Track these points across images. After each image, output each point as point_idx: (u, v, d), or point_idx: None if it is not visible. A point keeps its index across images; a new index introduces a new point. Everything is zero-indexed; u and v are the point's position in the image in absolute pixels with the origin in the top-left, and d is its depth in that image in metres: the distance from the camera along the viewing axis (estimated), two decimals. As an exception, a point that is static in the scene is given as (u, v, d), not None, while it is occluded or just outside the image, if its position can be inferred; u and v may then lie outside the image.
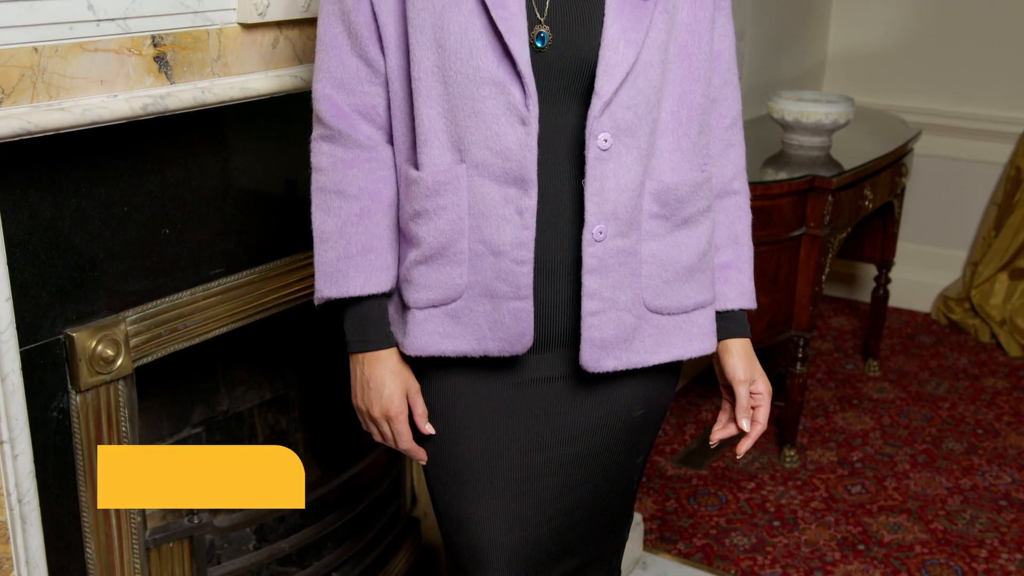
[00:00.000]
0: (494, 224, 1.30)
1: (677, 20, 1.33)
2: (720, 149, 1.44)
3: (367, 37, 1.35)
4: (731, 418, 1.48)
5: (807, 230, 2.93)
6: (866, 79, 4.30)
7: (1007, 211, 4.01)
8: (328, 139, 1.39)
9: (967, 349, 3.97)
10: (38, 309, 1.47)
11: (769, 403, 1.47)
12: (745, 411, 1.45)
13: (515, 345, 1.34)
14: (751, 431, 1.46)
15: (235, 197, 1.75)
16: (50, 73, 1.37)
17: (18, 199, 1.41)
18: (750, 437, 1.46)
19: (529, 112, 1.27)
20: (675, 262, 1.37)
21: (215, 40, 1.60)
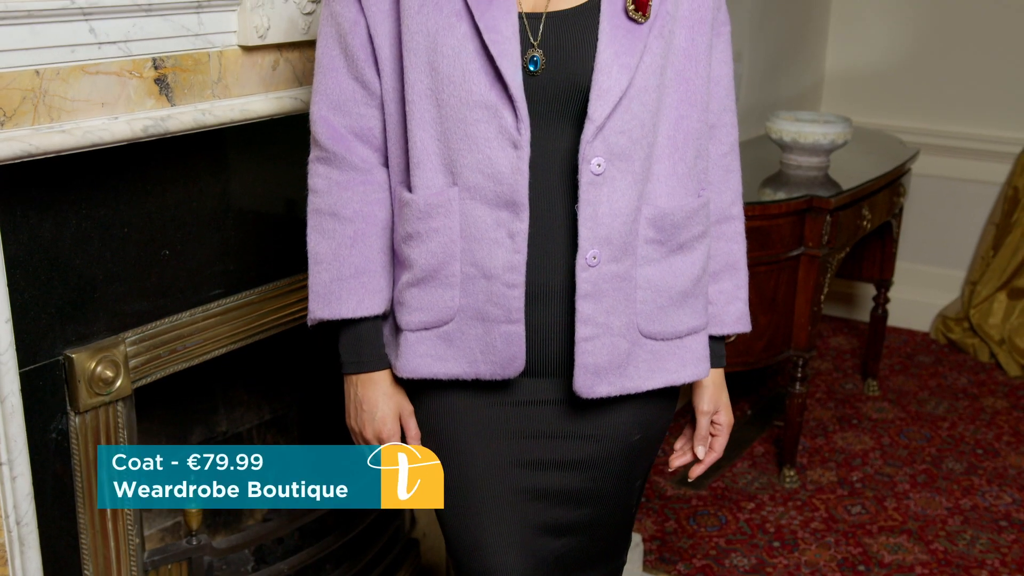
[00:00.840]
0: (486, 247, 1.30)
1: (674, 45, 1.33)
2: (719, 175, 1.45)
3: (363, 60, 1.36)
4: (689, 443, 1.52)
5: (806, 250, 2.94)
6: (863, 99, 4.31)
7: (1005, 230, 4.02)
8: (324, 161, 1.40)
9: (966, 368, 3.97)
10: (38, 330, 1.47)
11: (728, 434, 1.51)
12: (703, 440, 1.50)
13: (506, 369, 1.34)
14: (705, 459, 1.51)
15: (235, 218, 1.75)
16: (51, 95, 1.38)
17: (18, 220, 1.42)
18: (704, 464, 1.51)
19: (521, 136, 1.27)
20: (670, 287, 1.37)
21: (216, 62, 1.61)
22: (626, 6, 1.28)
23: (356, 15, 1.35)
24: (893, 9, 4.19)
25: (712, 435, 1.50)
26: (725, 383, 1.51)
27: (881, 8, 4.22)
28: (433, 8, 1.28)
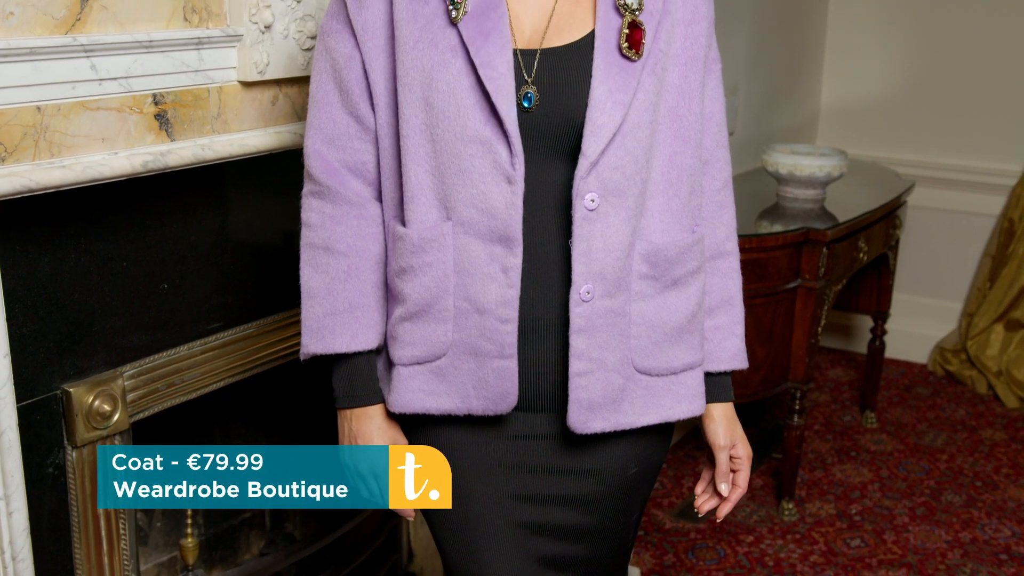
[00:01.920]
0: (479, 282, 1.31)
1: (667, 81, 1.34)
2: (712, 211, 1.46)
3: (358, 95, 1.37)
4: (711, 484, 1.50)
5: (802, 282, 2.95)
6: (859, 132, 4.34)
7: (1001, 262, 4.03)
8: (318, 195, 1.41)
9: (964, 400, 3.97)
10: (36, 365, 1.47)
11: (749, 467, 1.48)
12: (724, 476, 1.47)
13: (499, 404, 1.34)
14: (730, 495, 1.48)
15: (233, 252, 1.76)
16: (52, 131, 1.39)
17: (18, 255, 1.42)
18: (729, 501, 1.48)
19: (515, 171, 1.28)
20: (664, 323, 1.37)
21: (215, 98, 1.62)
22: (620, 44, 1.29)
23: (351, 50, 1.36)
24: (888, 42, 4.23)
25: (733, 470, 1.48)
26: (736, 416, 1.50)
27: (876, 41, 4.25)
28: (428, 44, 1.30)
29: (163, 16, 1.53)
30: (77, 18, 1.41)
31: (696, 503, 1.51)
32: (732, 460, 1.47)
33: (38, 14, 1.36)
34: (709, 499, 1.50)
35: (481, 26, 1.28)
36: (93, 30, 1.43)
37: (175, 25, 1.54)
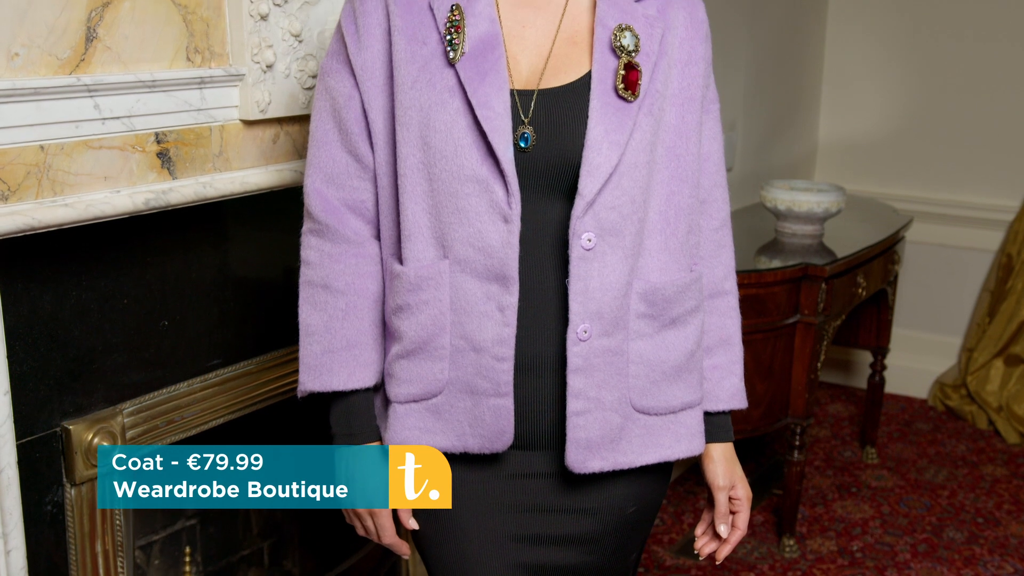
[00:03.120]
0: (475, 320, 1.31)
1: (664, 121, 1.36)
2: (711, 250, 1.46)
3: (357, 134, 1.38)
4: (710, 526, 1.49)
5: (801, 318, 2.95)
6: (857, 168, 4.36)
7: (1000, 297, 4.03)
8: (317, 233, 1.41)
9: (965, 436, 3.96)
10: (36, 402, 1.47)
11: (748, 508, 1.48)
12: (724, 517, 1.47)
13: (495, 443, 1.34)
14: (729, 537, 1.47)
15: (234, 288, 1.76)
16: (55, 170, 1.40)
17: (19, 292, 1.43)
18: (728, 543, 1.48)
19: (511, 210, 1.29)
20: (663, 362, 1.37)
21: (217, 136, 1.64)
22: (616, 84, 1.30)
23: (351, 90, 1.37)
24: (885, 78, 4.26)
25: (732, 511, 1.47)
26: (736, 457, 1.50)
27: (873, 77, 4.29)
28: (426, 84, 1.31)
29: (166, 56, 1.54)
30: (81, 58, 1.42)
31: (696, 545, 1.51)
32: (731, 501, 1.47)
33: (43, 54, 1.38)
34: (709, 541, 1.49)
35: (479, 67, 1.30)
36: (97, 70, 1.44)
37: (178, 65, 1.56)
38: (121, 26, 1.46)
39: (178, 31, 1.55)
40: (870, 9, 4.24)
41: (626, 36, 1.32)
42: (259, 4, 1.62)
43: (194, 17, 1.57)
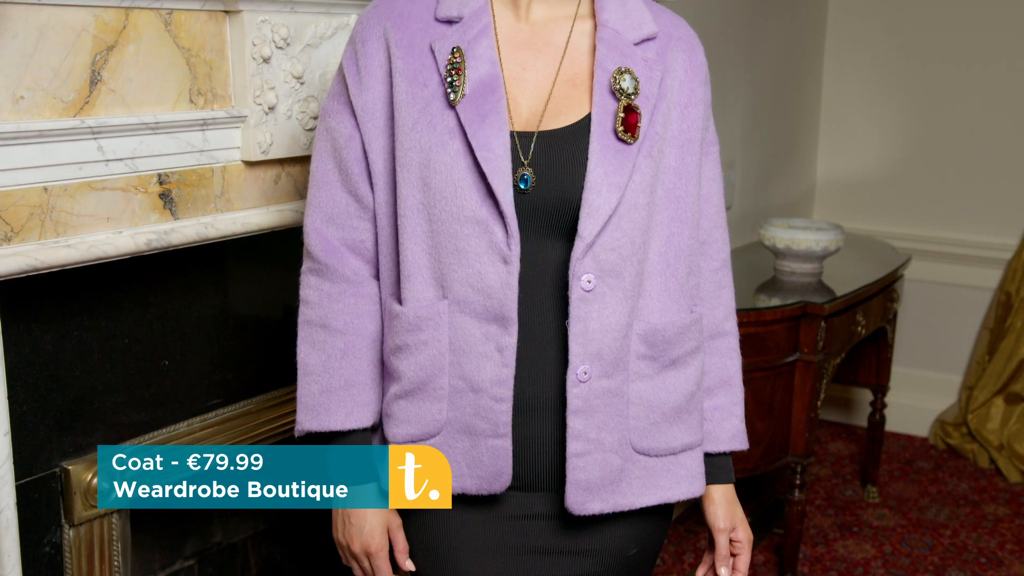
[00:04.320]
0: (474, 361, 1.31)
1: (664, 163, 1.37)
2: (711, 291, 1.47)
3: (357, 174, 1.39)
4: (711, 569, 1.48)
5: (801, 356, 2.95)
6: (855, 206, 4.38)
7: (999, 335, 4.03)
8: (316, 272, 1.42)
9: (966, 474, 3.94)
10: (35, 442, 1.47)
11: (749, 551, 1.47)
12: (724, 560, 1.46)
13: (493, 484, 1.34)
14: None
15: (234, 328, 1.77)
16: (58, 211, 1.41)
17: (21, 333, 1.44)
18: None
19: (511, 251, 1.29)
20: (663, 403, 1.37)
21: (219, 177, 1.65)
22: (615, 127, 1.31)
23: (351, 131, 1.38)
24: (883, 117, 4.29)
25: (733, 554, 1.46)
26: (737, 498, 1.49)
27: (871, 116, 4.32)
28: (427, 125, 1.32)
29: (169, 98, 1.56)
30: (86, 101, 1.44)
31: None
32: (732, 544, 1.46)
33: (48, 97, 1.39)
34: None
35: (479, 108, 1.31)
36: (101, 112, 1.46)
37: (181, 107, 1.57)
38: (125, 69, 1.48)
39: (181, 74, 1.56)
40: (866, 48, 4.28)
41: (626, 79, 1.33)
42: (261, 47, 1.64)
43: (197, 60, 1.58)
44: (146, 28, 1.50)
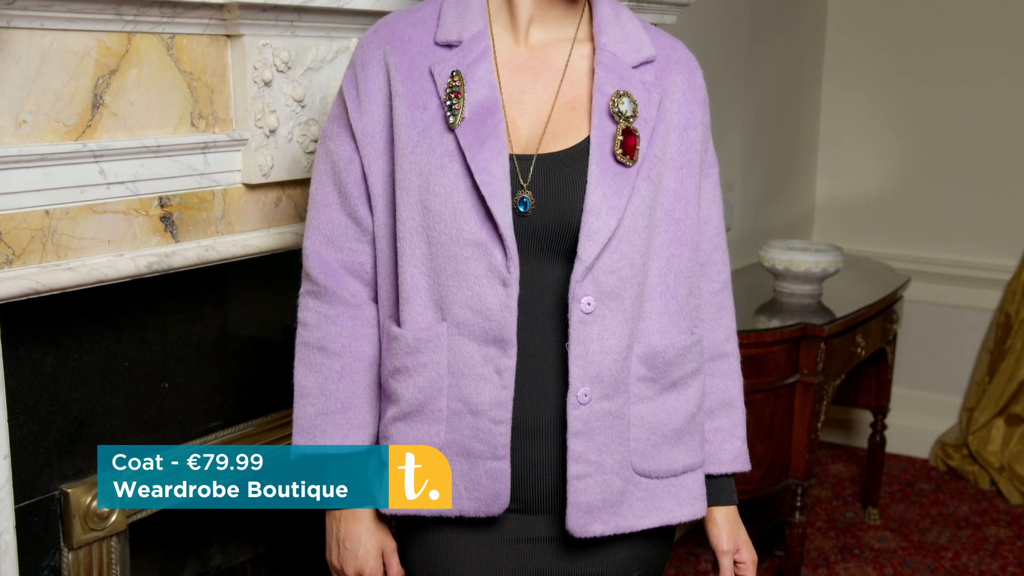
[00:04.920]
0: (473, 383, 1.32)
1: (663, 186, 1.37)
2: (711, 313, 1.47)
3: (356, 196, 1.40)
4: None
5: (801, 377, 2.95)
6: (854, 227, 4.39)
7: (999, 357, 4.03)
8: (314, 295, 1.43)
9: (967, 496, 3.93)
10: (35, 465, 1.47)
11: (754, 572, 1.48)
12: None
13: (491, 506, 1.33)
14: None
15: (234, 350, 1.77)
16: (59, 234, 1.42)
17: (22, 356, 1.44)
18: None
19: (510, 274, 1.30)
20: (664, 425, 1.37)
21: (220, 200, 1.65)
22: (614, 150, 1.32)
23: (351, 154, 1.39)
24: (881, 138, 4.31)
25: (738, 575, 1.47)
26: (740, 520, 1.49)
27: (869, 137, 4.33)
28: (426, 149, 1.33)
29: (171, 122, 1.56)
30: (88, 124, 1.44)
31: None
32: (737, 565, 1.46)
33: (50, 121, 1.40)
34: None
35: (478, 132, 1.32)
36: (103, 136, 1.46)
37: (182, 130, 1.58)
38: (127, 93, 1.49)
39: (183, 97, 1.57)
40: (865, 70, 4.30)
41: (624, 102, 1.34)
42: (263, 71, 1.65)
43: (199, 84, 1.59)
44: (148, 52, 1.51)
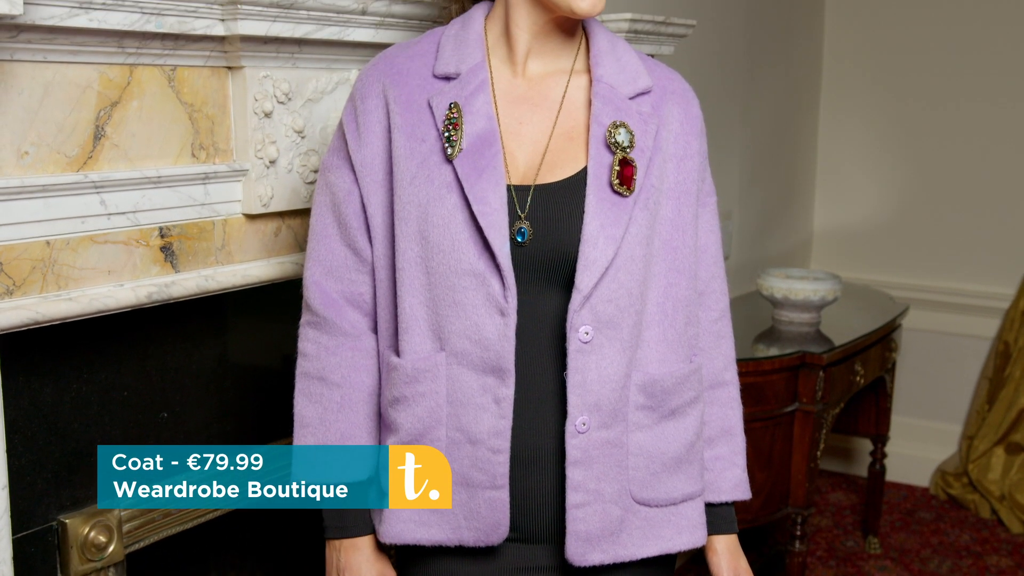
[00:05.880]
0: (471, 413, 1.32)
1: (660, 215, 1.38)
2: (710, 341, 1.48)
3: (356, 228, 1.41)
4: None
5: (800, 406, 2.95)
6: (852, 256, 4.40)
7: (998, 385, 4.03)
8: (314, 326, 1.43)
9: (968, 525, 3.92)
10: (33, 495, 1.47)
11: None
12: None
13: (490, 535, 1.33)
14: None
15: (233, 379, 1.77)
16: (60, 265, 1.42)
17: (21, 386, 1.44)
18: None
19: (508, 303, 1.30)
20: (662, 453, 1.38)
21: (220, 230, 1.66)
22: (611, 180, 1.33)
23: (350, 185, 1.40)
24: (879, 167, 4.33)
25: None
26: (740, 548, 1.49)
27: (867, 166, 4.35)
28: (425, 180, 1.34)
29: (172, 152, 1.58)
30: (89, 156, 1.45)
31: None
32: None
33: (52, 152, 1.41)
34: None
35: (476, 163, 1.33)
36: (104, 167, 1.47)
37: (183, 161, 1.59)
38: (129, 124, 1.50)
39: (184, 128, 1.58)
40: (862, 99, 4.33)
41: (621, 132, 1.35)
42: (263, 102, 1.66)
43: (200, 115, 1.61)
44: (150, 84, 1.52)
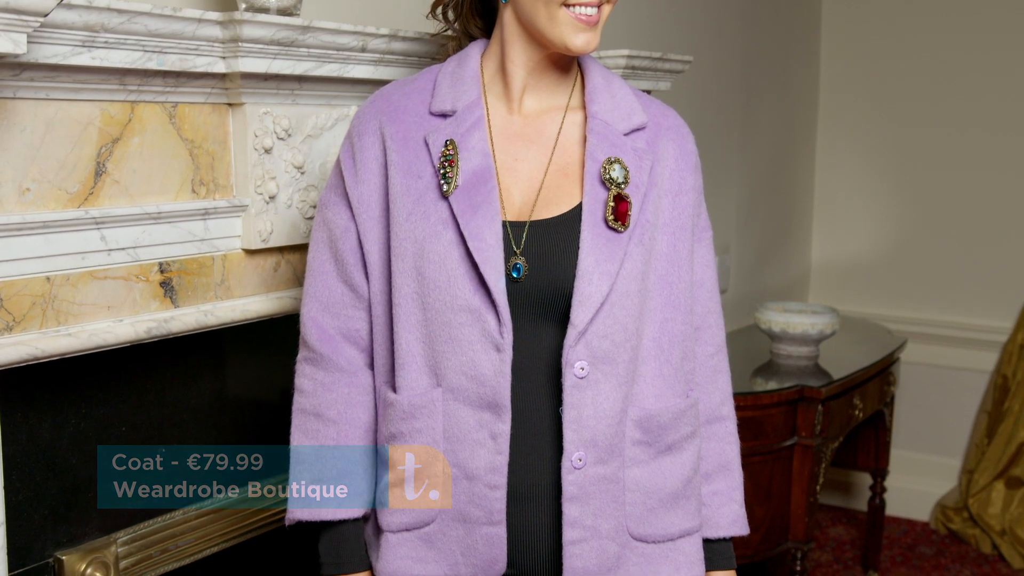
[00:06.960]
0: (468, 448, 1.32)
1: (656, 250, 1.39)
2: (707, 376, 1.48)
3: (352, 264, 1.41)
4: None
5: (799, 440, 2.95)
6: (850, 289, 4.41)
7: (997, 419, 4.02)
8: (311, 362, 1.44)
9: (969, 560, 3.89)
10: (30, 532, 1.46)
11: None
12: None
13: (488, 572, 1.33)
14: None
15: (231, 414, 1.77)
16: (60, 300, 1.43)
17: (19, 422, 1.44)
18: None
19: (503, 339, 1.31)
20: (659, 489, 1.38)
21: (219, 265, 1.67)
22: (606, 216, 1.34)
23: (347, 222, 1.41)
24: (876, 200, 4.35)
25: None
26: None
27: (864, 199, 4.37)
28: (421, 216, 1.35)
29: (172, 188, 1.59)
30: (90, 192, 1.47)
31: None
32: None
33: (53, 189, 1.42)
34: None
35: (471, 199, 1.34)
36: (105, 203, 1.48)
37: (183, 197, 1.60)
38: (130, 160, 1.51)
39: (184, 164, 1.60)
40: (859, 132, 4.35)
41: (615, 168, 1.36)
42: (263, 138, 1.68)
43: (200, 151, 1.62)
44: (151, 120, 1.53)
